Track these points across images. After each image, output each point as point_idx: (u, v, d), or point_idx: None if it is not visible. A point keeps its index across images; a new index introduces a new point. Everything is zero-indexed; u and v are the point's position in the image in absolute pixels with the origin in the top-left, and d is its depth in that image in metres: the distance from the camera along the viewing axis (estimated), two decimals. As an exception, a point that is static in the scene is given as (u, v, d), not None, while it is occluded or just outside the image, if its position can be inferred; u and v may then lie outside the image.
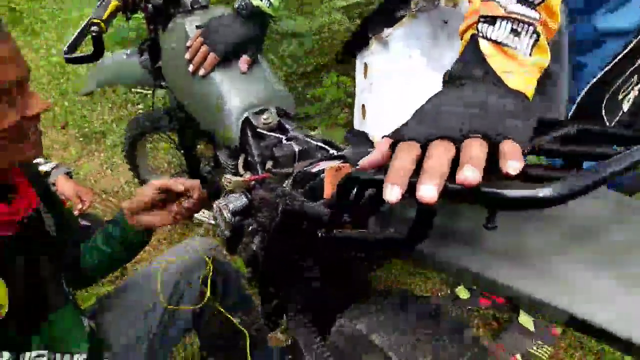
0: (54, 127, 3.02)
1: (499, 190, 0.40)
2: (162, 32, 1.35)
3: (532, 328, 1.44)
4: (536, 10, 0.55)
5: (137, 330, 1.13)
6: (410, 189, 0.44)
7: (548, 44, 0.58)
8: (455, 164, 0.44)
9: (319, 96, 2.26)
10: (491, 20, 0.55)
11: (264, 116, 1.14)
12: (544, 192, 0.38)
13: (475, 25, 0.57)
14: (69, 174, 1.76)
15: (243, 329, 1.14)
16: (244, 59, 1.20)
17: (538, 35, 0.55)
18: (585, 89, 1.00)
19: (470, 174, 0.41)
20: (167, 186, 0.95)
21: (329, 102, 2.20)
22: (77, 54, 1.06)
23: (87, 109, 3.06)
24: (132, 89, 2.87)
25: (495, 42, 0.55)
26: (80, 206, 1.70)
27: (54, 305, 0.92)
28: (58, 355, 0.93)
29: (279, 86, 1.23)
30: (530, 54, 0.55)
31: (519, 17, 0.54)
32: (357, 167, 0.55)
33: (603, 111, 1.00)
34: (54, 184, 1.72)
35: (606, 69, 0.96)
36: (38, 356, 0.88)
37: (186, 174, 1.82)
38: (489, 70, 0.54)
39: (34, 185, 0.90)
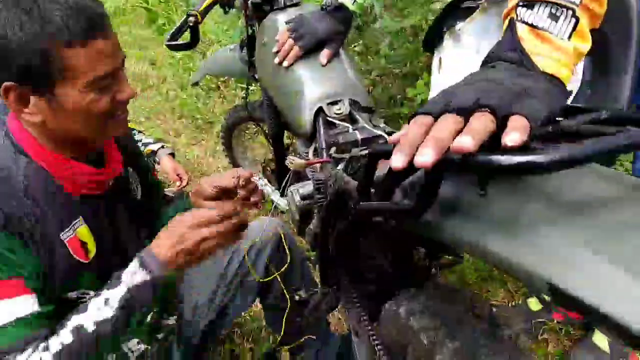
0: (173, 117, 3.36)
1: (491, 157, 0.41)
2: (257, 28, 1.47)
3: (606, 349, 1.31)
4: None
5: (206, 296, 1.24)
6: None
7: (598, 30, 0.56)
8: None
9: (412, 97, 2.26)
10: (530, 4, 0.55)
11: (337, 107, 1.19)
12: (538, 158, 0.39)
13: (515, 9, 0.57)
14: (172, 155, 1.97)
15: (287, 294, 1.20)
16: (325, 52, 1.26)
17: (577, 20, 0.53)
18: None
19: (465, 140, 0.42)
20: (220, 186, 1.00)
21: (419, 104, 2.19)
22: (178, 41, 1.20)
23: (201, 102, 3.36)
24: (239, 84, 3.10)
25: (531, 25, 0.55)
26: (178, 184, 1.90)
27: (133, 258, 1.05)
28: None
29: (356, 80, 1.27)
30: (569, 39, 0.53)
31: (557, 1, 0.53)
32: None
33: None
34: (158, 163, 1.94)
35: None
36: None
37: (274, 163, 1.94)
38: (524, 53, 0.54)
39: (127, 156, 1.04)
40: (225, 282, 1.25)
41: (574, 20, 0.53)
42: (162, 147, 1.98)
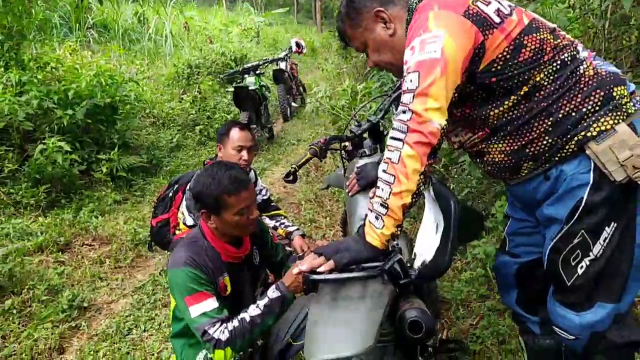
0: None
1: (311, 275, 1.17)
2: (348, 165, 2.31)
3: None
4: (386, 208, 1.23)
5: (283, 333, 2.03)
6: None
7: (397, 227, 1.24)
8: None
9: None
10: (370, 211, 1.27)
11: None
12: (318, 277, 1.14)
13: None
14: (302, 235, 2.88)
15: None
16: (373, 190, 2.01)
17: (384, 221, 1.23)
18: (546, 253, 1.42)
19: (302, 267, 1.19)
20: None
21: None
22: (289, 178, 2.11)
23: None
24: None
25: (369, 220, 1.26)
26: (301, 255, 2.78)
27: (248, 299, 1.92)
28: None
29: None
30: (380, 229, 1.23)
31: (376, 211, 1.24)
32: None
33: (560, 268, 1.39)
34: (292, 239, 2.86)
35: (552, 243, 1.38)
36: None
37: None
38: (364, 232, 1.26)
39: (255, 240, 1.97)
40: (295, 325, 2.03)
41: (382, 221, 1.22)
42: (297, 229, 2.91)
